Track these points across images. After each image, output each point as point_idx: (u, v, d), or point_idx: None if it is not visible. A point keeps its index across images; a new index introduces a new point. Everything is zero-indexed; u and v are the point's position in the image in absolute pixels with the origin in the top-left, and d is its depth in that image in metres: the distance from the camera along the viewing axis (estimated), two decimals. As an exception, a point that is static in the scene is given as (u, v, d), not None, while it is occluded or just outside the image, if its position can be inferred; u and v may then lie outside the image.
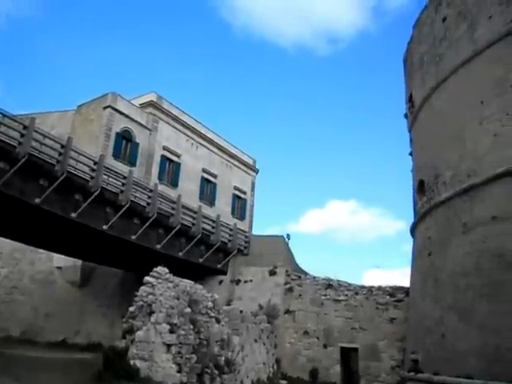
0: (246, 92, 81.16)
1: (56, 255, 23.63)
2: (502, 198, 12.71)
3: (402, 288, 19.86)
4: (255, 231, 29.60)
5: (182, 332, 10.89)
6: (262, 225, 70.64)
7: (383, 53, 75.59)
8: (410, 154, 19.56)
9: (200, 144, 29.02)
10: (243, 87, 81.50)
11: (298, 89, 79.65)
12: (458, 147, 14.63)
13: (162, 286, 11.05)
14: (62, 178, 15.42)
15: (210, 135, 29.85)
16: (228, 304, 20.25)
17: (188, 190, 26.28)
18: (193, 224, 21.50)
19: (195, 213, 21.86)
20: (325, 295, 21.11)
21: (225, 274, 23.40)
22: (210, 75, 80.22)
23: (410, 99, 18.93)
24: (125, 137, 24.51)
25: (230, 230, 23.81)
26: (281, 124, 78.51)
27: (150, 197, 19.37)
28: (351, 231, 74.92)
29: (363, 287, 20.87)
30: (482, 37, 14.46)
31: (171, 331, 10.64)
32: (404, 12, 74.86)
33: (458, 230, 14.00)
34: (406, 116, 20.25)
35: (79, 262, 24.01)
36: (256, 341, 16.06)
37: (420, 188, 17.13)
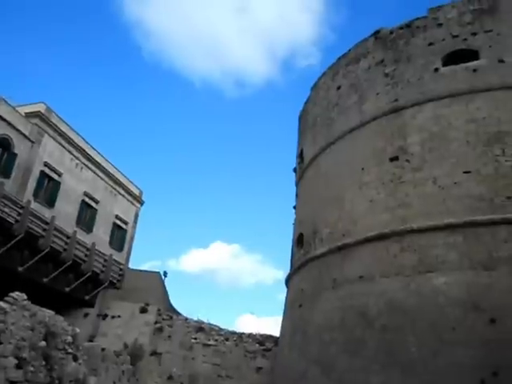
0: (146, 119, 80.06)
1: None
2: (370, 259, 13.90)
3: (271, 337, 20.35)
4: (133, 264, 28.62)
5: (32, 368, 10.08)
6: (141, 259, 68.48)
7: (285, 105, 79.75)
8: (294, 207, 20.69)
9: (85, 166, 27.77)
10: (143, 114, 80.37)
11: (199, 125, 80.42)
12: (337, 207, 15.86)
13: (16, 314, 10.20)
14: None
15: (97, 158, 28.75)
16: (90, 340, 19.17)
17: (65, 213, 24.82)
18: (64, 249, 20.32)
19: (69, 238, 20.71)
20: (195, 338, 20.88)
21: (92, 306, 22.20)
22: (109, 95, 78.16)
23: (301, 155, 20.22)
24: (2, 144, 22.73)
25: (105, 260, 22.85)
26: (175, 159, 78.27)
27: (20, 214, 18.04)
28: (231, 275, 75.60)
29: (234, 333, 21.03)
30: (369, 110, 16.15)
31: (18, 366, 9.79)
32: (310, 72, 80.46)
33: (328, 285, 14.93)
34: (295, 170, 21.52)
35: None
36: (115, 383, 15.32)
37: (299, 241, 18.10)
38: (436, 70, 15.15)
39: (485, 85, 14.23)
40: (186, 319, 21.90)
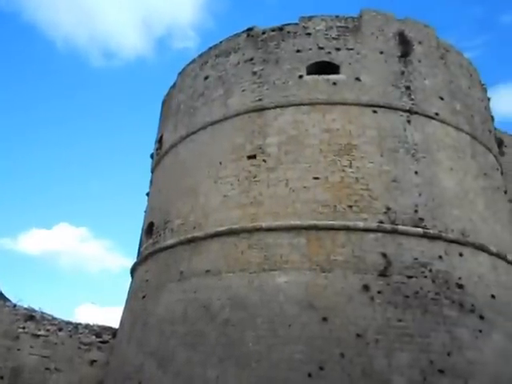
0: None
1: None
2: (217, 254, 14.30)
3: (110, 328, 19.76)
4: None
5: None
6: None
7: (153, 86, 77.38)
8: (148, 194, 20.40)
9: None
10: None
11: (55, 92, 73.97)
12: (191, 199, 16.01)
13: None
14: None
15: None
16: None
17: None
18: None
19: None
20: (23, 328, 19.35)
21: None
22: None
23: (160, 141, 20.01)
24: None
25: None
26: (17, 125, 70.93)
27: None
28: (75, 260, 71.75)
29: (69, 323, 19.99)
30: (233, 105, 16.55)
31: None
32: (185, 55, 79.36)
33: (174, 277, 15.03)
34: (152, 156, 21.20)
35: None
36: None
37: (149, 230, 17.92)
38: (300, 76, 16.10)
39: (341, 99, 15.55)
40: (15, 306, 20.20)
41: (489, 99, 19.89)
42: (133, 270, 18.51)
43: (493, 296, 14.08)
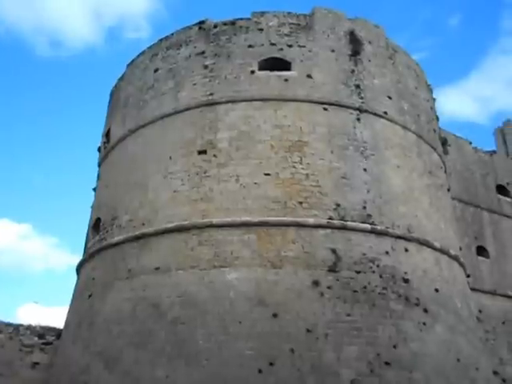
0: None
1: None
2: (167, 251, 14.18)
3: (54, 329, 19.19)
4: None
5: None
6: None
7: (103, 77, 75.33)
8: (94, 189, 19.92)
9: None
10: None
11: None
12: (140, 194, 15.78)
13: None
14: None
15: None
16: None
17: None
18: None
19: None
20: (-42, 330, 18.57)
21: None
22: None
23: (108, 134, 19.56)
24: None
25: None
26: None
27: None
28: (16, 259, 68.99)
29: (9, 325, 19.24)
30: (184, 99, 16.40)
31: None
32: (137, 45, 77.21)
33: (122, 275, 14.78)
34: (99, 150, 20.68)
35: None
36: None
37: (95, 226, 17.53)
38: (252, 72, 16.15)
39: (293, 95, 15.75)
40: (-51, 308, 19.33)
41: (434, 99, 20.71)
42: (79, 268, 18.03)
43: (436, 290, 14.76)
